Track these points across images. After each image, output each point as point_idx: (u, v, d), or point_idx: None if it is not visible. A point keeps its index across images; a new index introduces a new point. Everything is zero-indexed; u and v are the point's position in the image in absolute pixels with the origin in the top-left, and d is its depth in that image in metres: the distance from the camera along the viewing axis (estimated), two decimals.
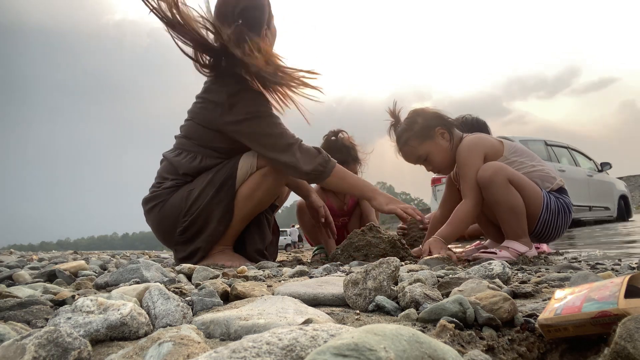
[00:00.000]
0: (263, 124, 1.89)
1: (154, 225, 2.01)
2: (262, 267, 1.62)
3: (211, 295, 0.81)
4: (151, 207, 1.97)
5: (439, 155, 1.94)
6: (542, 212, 1.78)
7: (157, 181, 2.02)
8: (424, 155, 1.96)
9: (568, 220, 1.86)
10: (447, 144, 1.94)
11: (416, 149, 1.96)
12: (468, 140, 1.89)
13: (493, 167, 1.73)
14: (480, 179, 1.75)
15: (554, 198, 1.81)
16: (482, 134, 1.95)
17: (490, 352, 0.51)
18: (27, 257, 3.76)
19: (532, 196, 1.76)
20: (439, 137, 1.93)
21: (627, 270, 1.19)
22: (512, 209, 1.72)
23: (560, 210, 1.81)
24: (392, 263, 0.78)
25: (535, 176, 1.84)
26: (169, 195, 1.94)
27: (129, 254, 5.82)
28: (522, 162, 1.86)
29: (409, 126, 1.97)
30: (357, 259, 1.86)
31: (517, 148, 1.91)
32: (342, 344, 0.32)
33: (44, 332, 0.44)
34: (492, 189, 1.72)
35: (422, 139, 1.94)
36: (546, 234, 1.83)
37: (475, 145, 1.85)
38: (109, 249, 23.77)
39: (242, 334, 0.55)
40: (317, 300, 0.80)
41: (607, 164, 8.24)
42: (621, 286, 0.47)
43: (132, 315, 0.59)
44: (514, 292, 0.81)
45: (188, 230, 1.92)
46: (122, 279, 1.04)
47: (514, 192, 1.72)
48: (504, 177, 1.71)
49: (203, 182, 1.91)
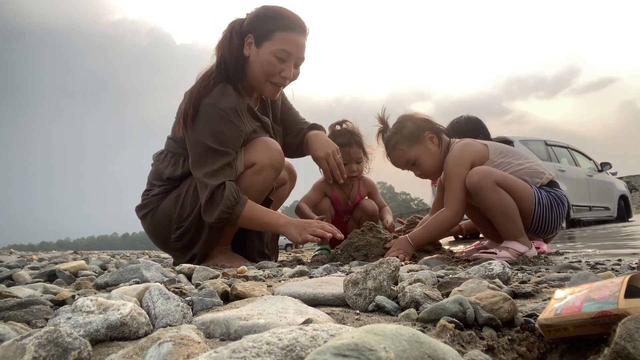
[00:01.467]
0: (207, 147, 1.79)
1: (149, 233, 2.03)
2: (262, 267, 1.62)
3: (211, 295, 0.81)
4: (144, 215, 1.98)
5: (428, 160, 1.94)
6: (535, 208, 1.78)
7: (147, 188, 2.04)
8: (412, 159, 1.95)
9: (563, 212, 1.87)
10: (435, 149, 1.93)
11: (405, 152, 1.95)
12: (455, 149, 1.89)
13: (480, 173, 1.74)
14: (469, 185, 1.76)
15: (544, 193, 1.82)
16: (468, 141, 1.94)
17: (490, 352, 0.51)
18: (27, 257, 3.76)
19: (523, 194, 1.77)
20: (428, 142, 1.93)
21: (627, 270, 1.19)
22: (504, 211, 1.73)
23: (552, 203, 1.82)
24: (392, 263, 0.78)
25: (524, 173, 1.85)
26: (159, 203, 1.94)
27: (129, 254, 5.82)
28: (509, 162, 1.87)
29: (399, 130, 1.97)
30: (357, 259, 1.86)
31: (502, 149, 1.92)
32: (342, 344, 0.32)
33: (44, 332, 0.44)
34: (482, 193, 1.73)
35: (411, 142, 1.94)
36: (543, 228, 1.84)
37: (462, 153, 1.85)
38: (109, 249, 23.76)
39: (242, 334, 0.55)
40: (317, 300, 0.80)
41: (607, 164, 8.24)
42: (621, 286, 0.47)
43: (132, 315, 0.59)
44: (514, 292, 0.81)
45: (183, 237, 1.92)
46: (122, 279, 1.04)
47: (504, 194, 1.73)
48: (492, 181, 1.72)
49: (189, 187, 1.89)
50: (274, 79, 1.90)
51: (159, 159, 2.03)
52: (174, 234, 1.91)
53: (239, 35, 1.89)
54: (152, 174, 2.03)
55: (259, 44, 1.86)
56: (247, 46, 1.89)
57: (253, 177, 1.88)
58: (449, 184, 1.84)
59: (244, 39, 1.88)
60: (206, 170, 1.79)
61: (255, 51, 1.87)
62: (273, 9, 1.88)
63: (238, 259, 1.98)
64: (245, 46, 1.89)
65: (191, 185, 1.89)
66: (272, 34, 1.84)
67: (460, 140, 1.96)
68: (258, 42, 1.86)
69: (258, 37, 1.85)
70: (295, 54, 1.87)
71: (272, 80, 1.91)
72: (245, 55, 1.89)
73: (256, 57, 1.87)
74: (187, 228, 1.89)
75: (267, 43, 1.85)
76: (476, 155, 1.86)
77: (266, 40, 1.85)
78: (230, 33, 1.89)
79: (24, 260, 2.82)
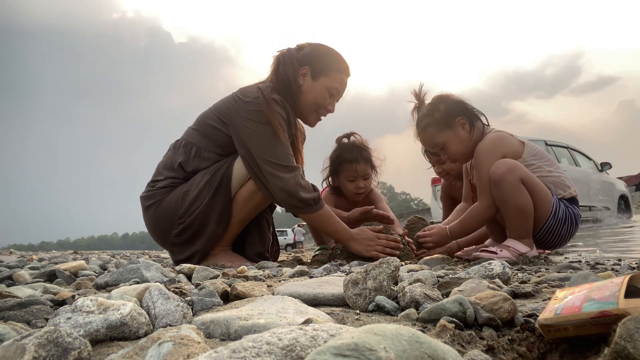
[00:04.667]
0: (273, 137, 1.86)
1: (150, 225, 2.02)
2: (262, 267, 1.62)
3: (211, 295, 0.81)
4: (148, 206, 1.98)
5: (456, 146, 1.91)
6: (549, 218, 1.75)
7: (154, 178, 2.04)
8: (440, 144, 1.93)
9: (573, 231, 1.84)
10: (466, 135, 1.89)
11: (434, 136, 1.92)
12: (489, 138, 1.85)
13: (507, 165, 1.70)
14: (492, 175, 1.72)
15: (563, 206, 1.79)
16: (504, 134, 1.89)
17: (490, 352, 0.51)
18: (27, 257, 3.76)
19: (542, 200, 1.73)
20: (458, 127, 1.89)
21: (627, 270, 1.19)
22: (521, 209, 1.70)
23: (567, 219, 1.78)
24: (392, 263, 0.78)
25: (550, 181, 1.82)
26: (164, 196, 1.95)
27: (129, 254, 5.82)
28: (540, 166, 1.83)
29: (430, 112, 1.94)
30: (357, 259, 1.86)
31: (538, 151, 1.88)
32: (342, 344, 0.32)
33: (44, 332, 0.44)
34: (503, 186, 1.69)
35: (441, 127, 1.91)
36: (549, 241, 1.81)
37: (495, 146, 1.81)
38: (109, 249, 23.75)
39: (242, 334, 0.55)
40: (317, 300, 0.80)
41: (607, 164, 8.24)
42: (621, 286, 0.47)
43: (132, 315, 0.59)
44: (514, 292, 0.81)
45: (185, 232, 1.92)
46: (122, 279, 1.04)
47: (525, 192, 1.69)
48: (517, 177, 1.69)
49: (199, 183, 1.90)
50: (321, 110, 2.10)
51: (175, 146, 2.06)
52: (176, 228, 1.92)
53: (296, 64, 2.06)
54: (164, 162, 2.06)
55: (316, 77, 2.04)
56: (302, 76, 2.04)
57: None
58: (480, 176, 1.80)
59: (299, 68, 2.05)
60: (280, 152, 1.86)
61: (309, 82, 2.04)
62: (332, 51, 2.11)
63: (238, 258, 1.98)
64: (300, 75, 2.04)
65: (200, 182, 1.90)
66: (330, 72, 2.05)
67: (497, 130, 1.92)
68: (315, 75, 2.04)
69: (315, 71, 2.04)
70: (342, 93, 2.13)
71: (319, 111, 2.11)
72: (299, 84, 2.04)
73: (310, 88, 2.05)
74: (189, 223, 1.90)
75: (324, 78, 2.04)
76: (509, 149, 1.82)
77: (323, 75, 2.04)
78: (290, 59, 2.04)
79: (24, 260, 2.82)
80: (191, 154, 1.97)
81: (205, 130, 1.98)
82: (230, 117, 1.92)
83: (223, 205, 1.89)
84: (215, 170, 1.91)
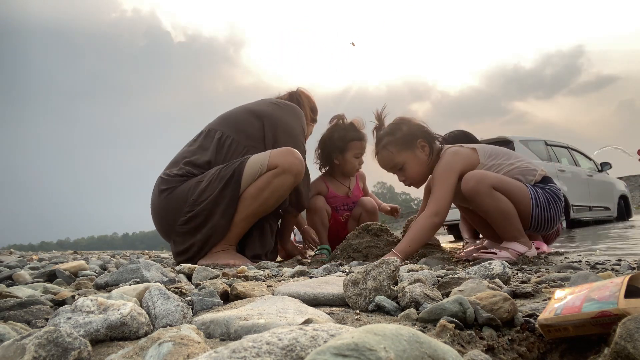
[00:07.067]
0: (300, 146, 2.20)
1: (159, 211, 2.07)
2: (262, 267, 1.62)
3: (211, 295, 0.81)
4: (162, 191, 2.04)
5: (415, 168, 1.92)
6: (533, 208, 1.77)
7: (170, 167, 2.13)
8: (400, 164, 1.93)
9: (561, 207, 1.85)
10: (425, 158, 1.91)
11: (394, 155, 1.93)
12: (444, 158, 1.87)
13: (475, 178, 1.72)
14: (465, 191, 1.74)
15: (540, 190, 1.81)
16: (457, 149, 1.91)
17: (490, 352, 0.51)
18: (27, 257, 3.76)
19: (519, 195, 1.75)
20: (418, 149, 1.91)
21: (627, 270, 1.19)
22: (503, 213, 1.72)
23: (550, 200, 1.80)
24: (392, 263, 0.78)
25: (516, 172, 1.83)
26: (178, 184, 2.02)
27: (129, 254, 5.81)
28: (500, 163, 1.85)
29: (392, 131, 1.95)
30: (357, 259, 1.86)
31: (492, 151, 1.89)
32: (342, 344, 0.32)
33: (44, 332, 0.44)
34: (479, 199, 1.71)
35: (402, 147, 1.92)
36: (543, 225, 1.83)
37: (450, 163, 1.83)
38: (109, 249, 23.73)
39: (242, 334, 0.55)
40: (317, 300, 0.80)
41: (607, 164, 8.23)
42: (621, 286, 0.47)
43: (132, 315, 0.59)
44: (514, 292, 0.81)
45: (192, 221, 1.96)
46: (122, 279, 1.04)
47: (500, 197, 1.71)
48: (487, 185, 1.70)
49: (212, 176, 1.97)
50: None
51: (196, 139, 2.21)
52: (184, 216, 1.97)
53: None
54: (184, 152, 2.18)
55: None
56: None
57: (272, 178, 1.97)
58: (432, 187, 1.82)
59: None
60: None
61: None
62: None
63: (241, 258, 1.99)
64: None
65: (213, 175, 1.97)
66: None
67: (450, 147, 1.93)
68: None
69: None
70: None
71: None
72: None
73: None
74: (197, 212, 1.94)
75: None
76: (465, 161, 1.84)
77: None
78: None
79: (24, 260, 2.82)
80: (207, 149, 2.16)
81: (239, 122, 2.23)
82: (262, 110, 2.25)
83: (230, 198, 1.94)
84: (229, 164, 1.98)
